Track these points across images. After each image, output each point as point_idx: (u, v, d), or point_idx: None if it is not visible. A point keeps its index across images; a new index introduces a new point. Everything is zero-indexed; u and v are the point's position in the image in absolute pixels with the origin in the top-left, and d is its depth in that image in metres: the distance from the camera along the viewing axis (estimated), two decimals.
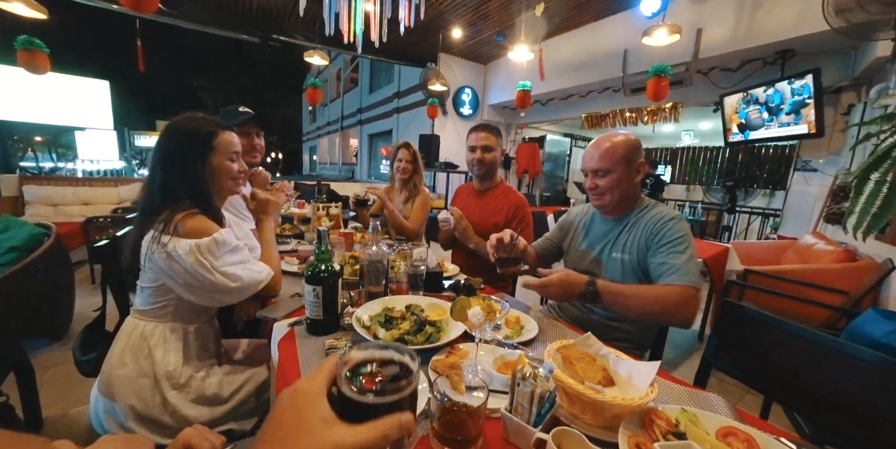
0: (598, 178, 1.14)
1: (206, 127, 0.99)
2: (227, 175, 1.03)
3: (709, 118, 6.19)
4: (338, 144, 16.20)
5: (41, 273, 2.09)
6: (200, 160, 0.97)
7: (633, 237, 1.15)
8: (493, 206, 1.70)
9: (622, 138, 1.12)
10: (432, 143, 6.48)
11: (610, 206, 1.18)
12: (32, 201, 4.17)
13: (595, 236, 1.27)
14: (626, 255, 1.15)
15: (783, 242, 3.32)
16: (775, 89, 3.19)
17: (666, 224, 1.09)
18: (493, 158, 1.67)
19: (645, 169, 1.15)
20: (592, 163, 1.14)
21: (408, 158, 2.28)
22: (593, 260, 1.24)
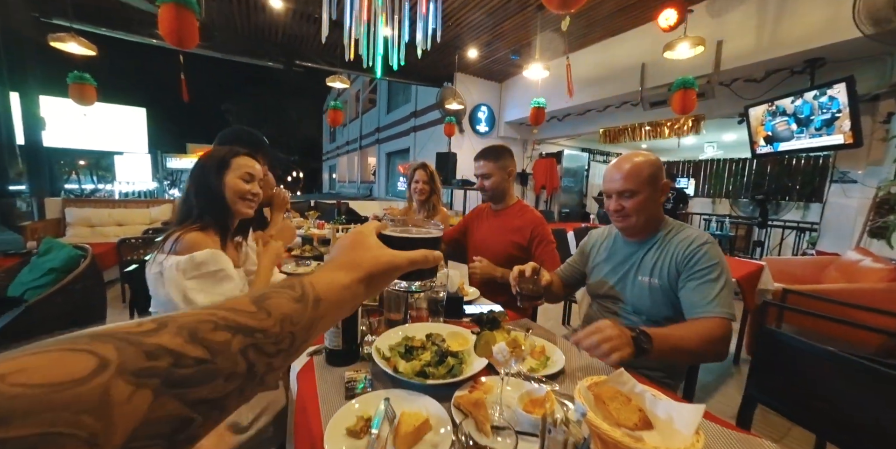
0: (623, 200, 1.10)
1: (229, 151, 1.08)
2: (236, 193, 1.07)
3: (733, 129, 6.03)
4: (356, 163, 16.59)
5: (77, 293, 2.17)
6: (217, 176, 1.04)
7: (662, 260, 1.09)
8: (509, 225, 1.68)
9: (644, 159, 1.09)
10: (449, 161, 6.55)
11: (635, 229, 1.14)
12: (73, 223, 4.40)
13: (618, 259, 1.22)
14: (656, 279, 1.10)
15: (823, 258, 3.13)
16: (804, 100, 3.08)
17: (698, 249, 1.04)
18: (495, 184, 1.67)
19: (668, 190, 1.11)
20: (616, 184, 1.10)
21: (424, 179, 2.29)
22: (617, 283, 1.19)
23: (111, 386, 0.19)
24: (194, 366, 0.23)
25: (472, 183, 6.49)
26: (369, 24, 2.77)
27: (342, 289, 0.36)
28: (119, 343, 0.20)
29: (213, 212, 1.04)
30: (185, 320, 0.24)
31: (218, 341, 0.25)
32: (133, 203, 4.94)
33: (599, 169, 8.81)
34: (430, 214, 2.28)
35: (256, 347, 0.27)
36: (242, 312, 0.28)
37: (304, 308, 0.32)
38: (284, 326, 0.29)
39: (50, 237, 2.45)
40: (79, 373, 0.18)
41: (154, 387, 0.20)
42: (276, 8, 4.19)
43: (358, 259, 0.39)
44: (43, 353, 0.19)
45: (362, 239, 0.42)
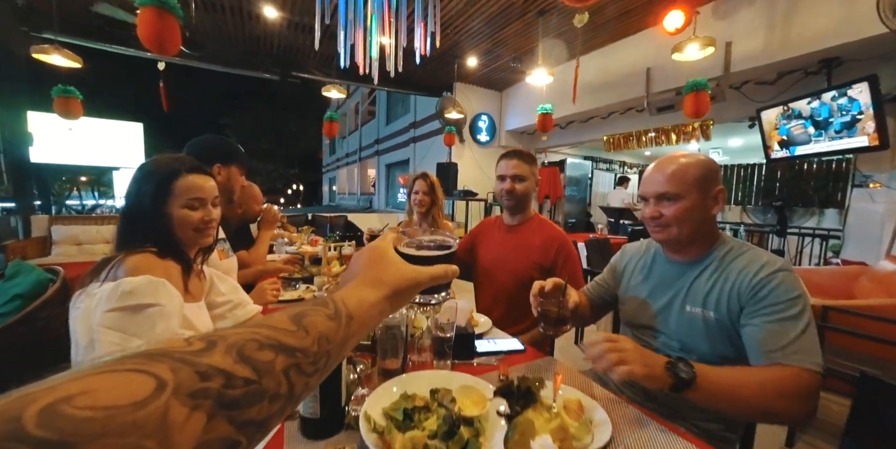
0: (662, 206, 0.90)
1: (170, 167, 0.87)
2: (185, 225, 0.88)
3: (739, 134, 5.89)
4: (356, 175, 16.50)
5: (42, 322, 1.98)
6: (155, 204, 0.86)
7: (718, 289, 0.87)
8: (528, 242, 1.46)
9: (693, 159, 0.89)
10: (450, 172, 6.40)
11: (678, 243, 0.93)
12: (59, 241, 4.22)
13: (659, 282, 1.00)
14: (711, 312, 0.87)
15: (851, 268, 2.93)
16: (821, 102, 2.92)
17: (770, 279, 0.81)
18: (526, 189, 1.45)
19: (724, 199, 0.91)
20: (655, 186, 0.90)
21: (424, 190, 2.15)
22: (658, 312, 0.97)
23: (169, 409, 0.19)
24: (243, 386, 0.22)
25: (474, 193, 6.32)
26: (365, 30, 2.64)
27: (371, 306, 0.36)
28: (174, 363, 0.20)
29: (161, 244, 0.85)
30: (233, 339, 0.24)
31: (264, 361, 0.24)
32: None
33: (603, 177, 8.68)
34: (431, 227, 2.10)
35: (297, 367, 0.27)
36: (283, 331, 0.27)
37: (339, 326, 0.32)
38: (321, 344, 0.29)
39: (19, 260, 2.27)
40: (140, 395, 0.18)
41: (207, 409, 0.20)
42: (271, 18, 4.10)
43: (382, 275, 0.39)
44: (105, 373, 0.19)
45: (382, 254, 0.42)
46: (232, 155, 1.38)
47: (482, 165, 7.33)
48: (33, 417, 0.15)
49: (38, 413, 0.15)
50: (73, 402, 0.16)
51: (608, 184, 8.66)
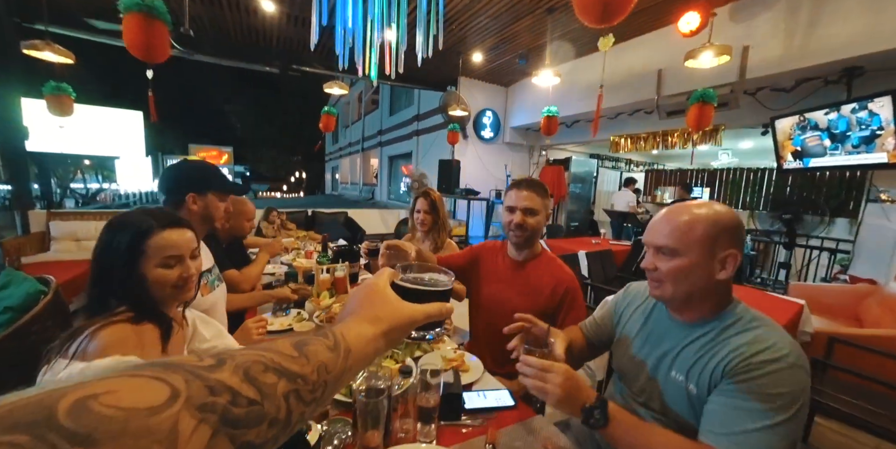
0: (659, 259, 0.81)
1: (140, 225, 0.81)
2: (162, 285, 0.82)
3: (750, 137, 5.74)
4: (359, 165, 16.39)
5: (34, 336, 1.95)
6: (128, 266, 0.79)
7: (703, 364, 0.78)
8: (536, 282, 1.34)
9: (706, 213, 0.78)
10: (452, 169, 6.31)
11: (672, 303, 0.86)
12: (58, 237, 4.20)
13: (654, 333, 0.92)
14: (693, 385, 0.78)
15: (860, 287, 2.85)
16: (839, 114, 2.80)
17: (765, 365, 0.69)
18: (537, 224, 1.31)
19: (736, 263, 0.77)
20: (655, 236, 0.82)
21: (426, 208, 2.04)
22: (647, 368, 0.89)
23: (180, 418, 0.19)
24: (247, 406, 0.23)
25: (477, 192, 6.23)
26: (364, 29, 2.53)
27: (368, 342, 0.37)
28: (187, 375, 0.21)
29: (136, 306, 0.79)
30: (240, 359, 0.25)
31: (267, 383, 0.25)
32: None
33: (608, 175, 8.53)
34: (436, 246, 2.03)
35: (297, 393, 0.27)
36: (286, 356, 0.28)
37: (337, 357, 0.32)
38: (321, 374, 0.30)
39: (11, 269, 2.23)
40: (156, 401, 0.19)
41: (213, 424, 0.21)
42: (269, 11, 3.97)
43: (379, 313, 0.40)
44: (127, 377, 0.20)
45: (378, 291, 0.43)
46: (205, 181, 1.27)
47: (486, 163, 7.22)
48: (65, 409, 0.17)
49: (70, 406, 0.17)
50: (100, 399, 0.18)
51: (614, 182, 8.52)
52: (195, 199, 1.24)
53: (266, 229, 4.61)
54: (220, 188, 1.30)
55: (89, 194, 14.86)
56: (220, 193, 1.30)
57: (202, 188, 1.25)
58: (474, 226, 6.79)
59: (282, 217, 4.83)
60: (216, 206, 1.29)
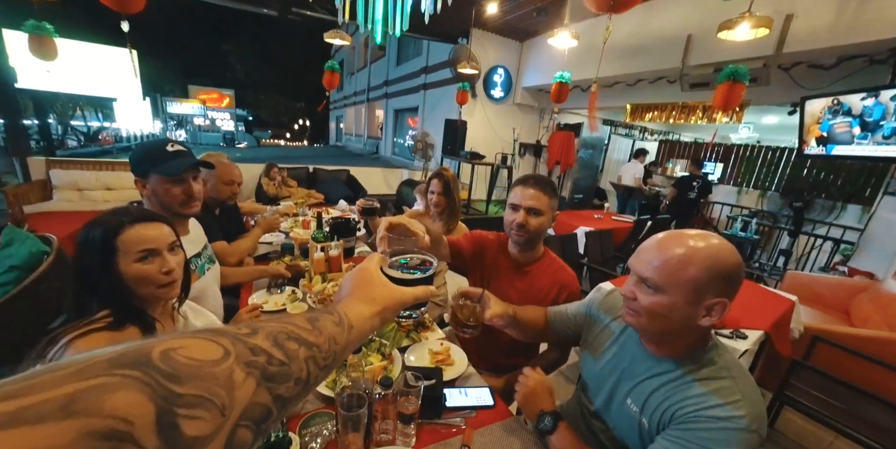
0: (640, 289, 0.75)
1: (109, 223, 0.80)
2: (138, 281, 0.82)
3: (774, 112, 5.42)
4: (363, 116, 15.83)
5: (42, 294, 2.02)
6: (103, 268, 0.79)
7: (661, 398, 0.76)
8: (538, 286, 1.29)
9: (704, 252, 0.69)
10: (459, 131, 6.07)
11: (644, 335, 0.83)
12: (59, 186, 4.17)
13: (621, 359, 0.88)
14: (645, 418, 0.78)
15: (855, 281, 2.86)
16: (877, 100, 2.60)
17: (718, 422, 0.67)
18: (540, 226, 1.24)
19: (723, 313, 0.71)
20: (641, 266, 0.75)
21: (440, 190, 1.96)
22: (610, 395, 0.88)
23: (234, 370, 0.25)
24: (279, 366, 0.28)
25: (482, 156, 6.06)
26: None
27: (366, 320, 0.43)
28: (232, 339, 0.27)
29: (118, 309, 0.80)
30: (269, 329, 0.31)
31: (292, 349, 0.31)
32: (120, 165, 4.67)
33: (620, 143, 8.20)
34: (447, 230, 1.99)
35: (314, 359, 0.33)
36: (303, 329, 0.34)
37: (343, 331, 0.38)
38: (330, 344, 0.36)
39: (12, 226, 2.25)
40: (215, 355, 0.25)
41: (256, 377, 0.26)
42: None
43: (374, 294, 0.46)
44: (192, 338, 0.25)
45: (371, 275, 0.49)
46: (144, 164, 1.13)
47: (494, 124, 6.94)
48: (157, 355, 0.22)
49: (160, 353, 0.22)
50: (178, 351, 0.23)
51: (625, 151, 8.23)
52: (142, 184, 1.16)
53: (267, 186, 4.57)
54: (165, 169, 1.13)
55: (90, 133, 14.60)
56: (167, 176, 1.14)
57: (143, 172, 1.14)
58: (478, 190, 6.70)
59: (283, 174, 4.76)
60: (165, 191, 1.15)
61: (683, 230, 0.76)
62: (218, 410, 0.23)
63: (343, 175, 5.63)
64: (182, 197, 1.18)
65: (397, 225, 0.77)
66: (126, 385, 0.20)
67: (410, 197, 4.45)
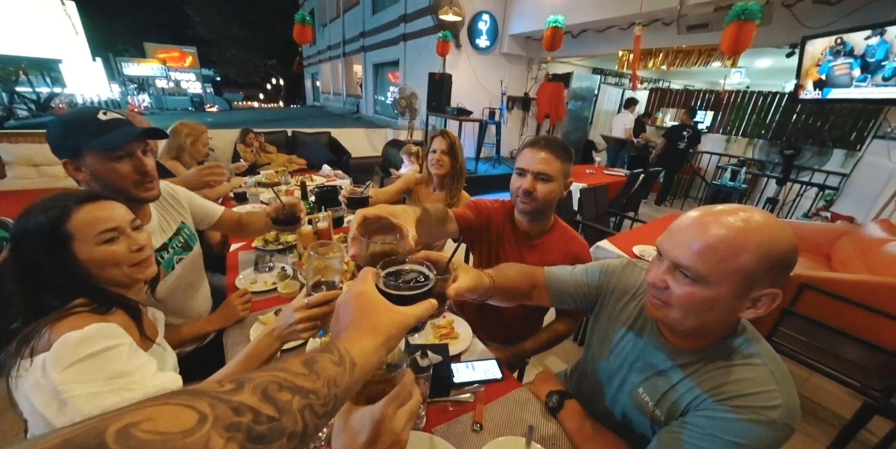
0: (674, 279, 0.63)
1: (49, 212, 0.70)
2: (108, 265, 0.74)
3: (770, 54, 5.20)
4: (341, 72, 14.82)
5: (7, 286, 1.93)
6: (56, 260, 0.70)
7: (683, 391, 0.69)
8: (549, 259, 1.19)
9: (760, 234, 0.56)
10: (443, 85, 5.73)
11: (675, 331, 0.72)
12: (13, 162, 3.83)
13: (635, 344, 0.81)
14: (658, 410, 0.73)
15: (836, 226, 2.93)
16: (882, 39, 2.47)
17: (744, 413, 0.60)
18: (550, 193, 1.11)
19: (772, 305, 0.60)
20: (679, 251, 0.62)
21: (444, 148, 1.83)
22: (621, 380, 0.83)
23: (210, 438, 0.22)
24: (267, 423, 0.26)
25: (469, 112, 5.79)
26: None
27: (370, 354, 0.39)
28: (212, 400, 0.24)
29: (93, 298, 0.72)
30: (258, 380, 0.28)
31: (283, 401, 0.28)
32: None
33: (610, 93, 7.93)
34: (450, 197, 1.89)
35: (311, 407, 0.30)
36: (298, 374, 0.31)
37: (344, 371, 0.35)
38: (330, 388, 0.32)
39: None
40: (187, 425, 0.22)
41: (239, 442, 0.23)
42: None
43: (376, 323, 0.42)
44: (162, 405, 0.23)
45: (369, 301, 0.44)
46: (69, 140, 0.89)
47: (480, 77, 6.57)
48: (112, 435, 0.20)
49: (116, 432, 0.20)
50: (140, 426, 0.21)
51: (615, 101, 7.98)
52: (73, 167, 0.92)
53: (244, 153, 4.31)
54: (95, 144, 0.90)
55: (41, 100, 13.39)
56: (106, 151, 0.91)
57: (73, 150, 0.90)
58: (466, 147, 6.51)
59: (259, 139, 4.48)
60: (110, 170, 0.92)
61: (720, 206, 0.63)
62: None
63: (324, 138, 5.36)
64: (134, 176, 0.95)
65: (375, 219, 0.65)
66: None
67: (397, 158, 4.28)
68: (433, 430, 0.84)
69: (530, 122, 7.48)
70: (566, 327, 1.26)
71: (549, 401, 0.91)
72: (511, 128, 7.43)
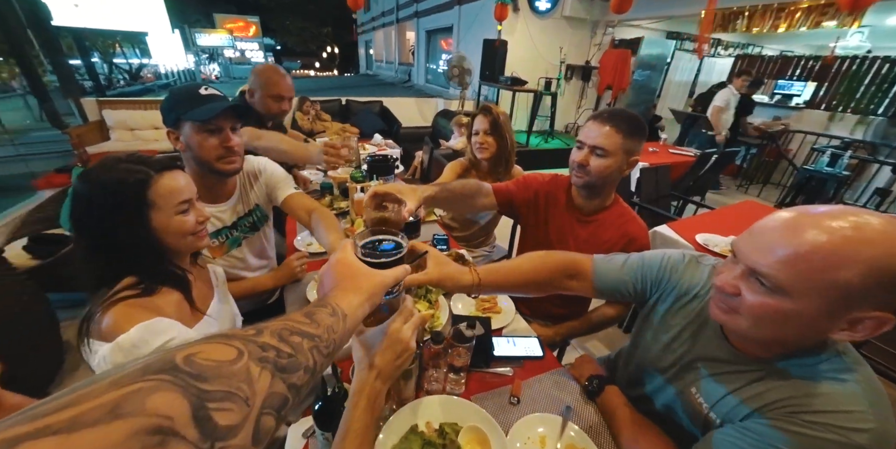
0: (748, 284, 0.56)
1: (133, 175, 0.71)
2: (177, 234, 0.78)
3: None
4: (393, 39, 14.62)
5: None
6: (133, 225, 0.72)
7: (748, 395, 0.63)
8: (602, 237, 1.16)
9: (875, 245, 0.46)
10: (498, 52, 5.46)
11: (748, 341, 0.65)
12: (114, 126, 4.34)
13: (693, 344, 0.75)
14: (715, 414, 0.67)
15: None
16: None
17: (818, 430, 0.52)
18: (605, 169, 1.06)
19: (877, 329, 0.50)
20: (758, 255, 0.54)
21: (486, 128, 1.60)
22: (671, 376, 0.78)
23: (249, 366, 0.28)
24: (287, 358, 0.32)
25: (524, 82, 5.50)
26: None
27: (356, 308, 0.46)
28: (242, 341, 0.30)
29: (148, 272, 0.75)
30: (273, 327, 0.34)
31: (295, 342, 0.35)
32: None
33: (685, 61, 7.06)
34: (496, 178, 1.70)
35: (317, 348, 0.37)
36: (302, 323, 0.38)
37: (338, 321, 0.42)
38: (329, 333, 0.40)
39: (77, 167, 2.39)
40: (230, 356, 0.28)
41: (270, 370, 0.30)
42: None
43: (359, 284, 0.49)
44: (208, 343, 0.28)
45: (350, 266, 0.51)
46: (173, 111, 0.98)
47: (537, 44, 6.17)
48: (181, 360, 0.25)
49: (183, 359, 0.25)
50: (198, 355, 0.26)
51: (690, 71, 7.11)
52: (174, 136, 1.02)
53: (301, 120, 4.48)
54: (191, 115, 0.97)
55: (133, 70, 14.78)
56: (197, 121, 0.98)
57: (174, 120, 0.99)
58: (518, 119, 6.24)
59: (315, 107, 4.62)
60: (200, 143, 1.00)
61: (823, 206, 0.52)
62: (243, 402, 0.26)
63: (376, 107, 5.40)
64: (220, 150, 1.03)
65: (384, 193, 0.81)
66: (161, 387, 0.22)
67: (447, 129, 4.22)
68: (472, 397, 0.87)
69: (589, 93, 6.97)
70: (616, 312, 1.22)
71: (588, 384, 0.89)
72: (568, 100, 6.98)
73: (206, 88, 1.01)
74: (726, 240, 1.67)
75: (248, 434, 0.26)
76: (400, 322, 0.57)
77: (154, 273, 0.76)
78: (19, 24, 3.97)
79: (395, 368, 0.57)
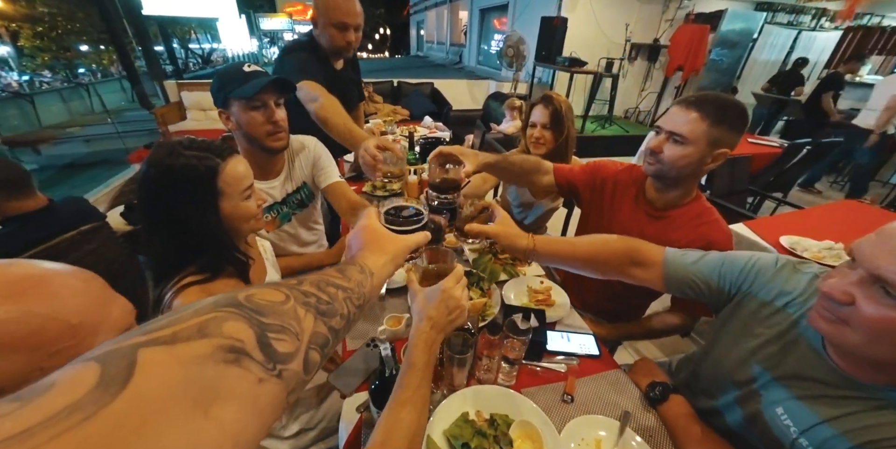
0: (867, 294, 0.50)
1: (202, 162, 0.73)
2: (242, 219, 0.81)
3: None
4: (445, 19, 14.31)
5: None
6: (203, 212, 0.74)
7: (848, 427, 0.56)
8: (673, 236, 1.03)
9: None
10: (557, 31, 5.14)
11: (848, 353, 0.58)
12: (190, 107, 4.71)
13: (783, 359, 0.67)
14: (808, 440, 0.60)
15: None
16: None
17: None
18: (680, 159, 0.95)
19: None
20: (884, 261, 0.49)
21: (545, 122, 1.47)
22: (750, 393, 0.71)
23: (296, 307, 0.32)
24: (326, 304, 0.36)
25: (583, 63, 5.17)
26: None
27: (382, 266, 0.50)
28: (287, 288, 0.34)
29: (214, 260, 0.77)
30: (311, 279, 0.38)
31: (332, 292, 0.38)
32: None
33: (776, 37, 6.20)
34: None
35: (350, 299, 0.40)
36: (335, 276, 0.41)
37: (366, 277, 0.46)
38: (360, 287, 0.43)
39: None
40: (281, 298, 0.32)
41: (313, 313, 0.34)
42: None
43: (384, 246, 0.53)
44: (261, 288, 0.32)
45: (375, 231, 0.55)
46: (221, 91, 1.01)
47: (601, 21, 5.72)
48: (242, 298, 0.29)
49: (244, 298, 0.29)
50: (256, 296, 0.30)
51: (781, 49, 6.25)
52: (226, 116, 1.05)
53: None
54: (237, 93, 0.99)
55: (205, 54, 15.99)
56: (243, 98, 1.00)
57: (224, 100, 1.03)
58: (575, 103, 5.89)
59: (368, 89, 4.67)
60: (248, 120, 1.03)
61: None
62: (294, 336, 0.30)
63: (427, 89, 5.35)
64: (267, 126, 1.05)
65: (449, 153, 0.89)
66: (231, 317, 0.26)
67: (498, 112, 4.10)
68: (522, 390, 0.85)
69: (655, 75, 6.41)
70: (681, 322, 1.09)
71: (650, 391, 0.85)
72: (630, 82, 6.47)
73: (249, 66, 1.03)
74: (820, 244, 1.46)
75: (300, 363, 0.29)
76: (452, 282, 0.63)
77: (219, 259, 0.78)
78: (118, 16, 4.36)
79: (448, 323, 0.62)
